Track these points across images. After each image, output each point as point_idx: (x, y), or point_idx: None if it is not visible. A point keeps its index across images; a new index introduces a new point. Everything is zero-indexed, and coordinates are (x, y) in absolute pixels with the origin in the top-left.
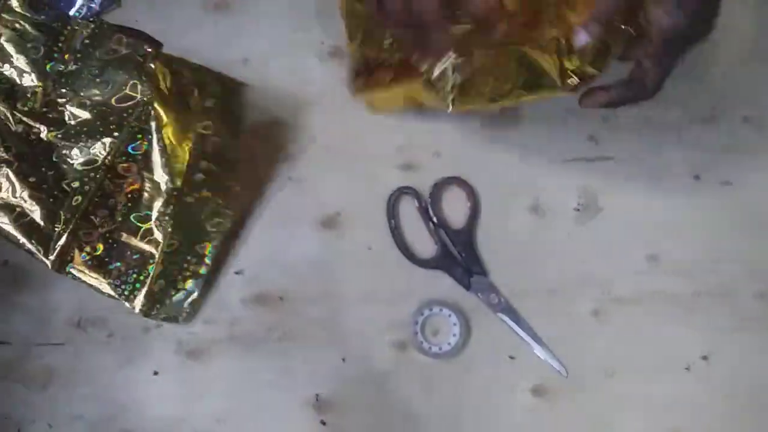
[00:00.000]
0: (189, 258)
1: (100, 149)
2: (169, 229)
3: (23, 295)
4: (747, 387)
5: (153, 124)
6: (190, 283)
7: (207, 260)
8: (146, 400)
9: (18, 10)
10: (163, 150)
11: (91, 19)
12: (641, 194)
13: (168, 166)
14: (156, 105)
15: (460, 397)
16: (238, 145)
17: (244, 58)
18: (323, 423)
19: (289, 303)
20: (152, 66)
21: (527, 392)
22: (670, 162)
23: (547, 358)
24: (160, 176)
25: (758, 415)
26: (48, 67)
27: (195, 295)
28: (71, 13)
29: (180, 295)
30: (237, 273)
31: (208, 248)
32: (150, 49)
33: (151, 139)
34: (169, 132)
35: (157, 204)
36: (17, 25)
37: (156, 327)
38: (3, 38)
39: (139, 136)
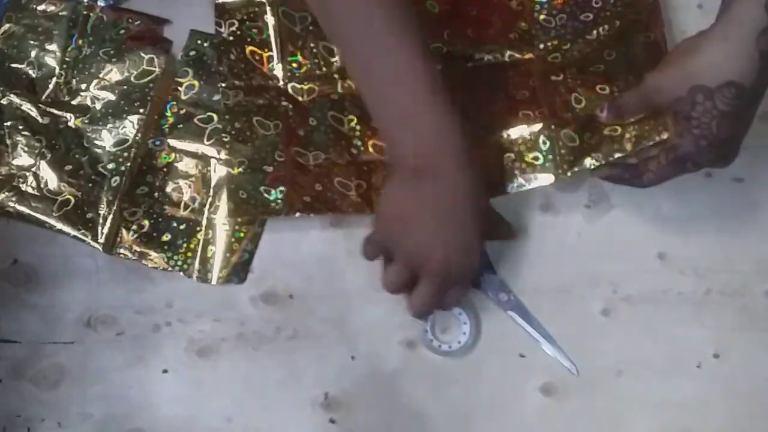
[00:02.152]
0: (239, 220)
1: (129, 128)
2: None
3: (33, 294)
4: (759, 385)
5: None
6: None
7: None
8: (156, 399)
9: (30, 5)
10: None
11: (99, 4)
12: (652, 192)
13: None
14: None
15: (470, 396)
16: None
17: None
18: (332, 421)
19: (299, 301)
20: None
21: (537, 391)
22: None
23: (557, 357)
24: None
25: None
26: (64, 55)
27: (247, 255)
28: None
29: (234, 257)
30: (248, 270)
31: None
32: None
33: None
34: None
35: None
36: (30, 20)
37: (166, 325)
38: (17, 34)
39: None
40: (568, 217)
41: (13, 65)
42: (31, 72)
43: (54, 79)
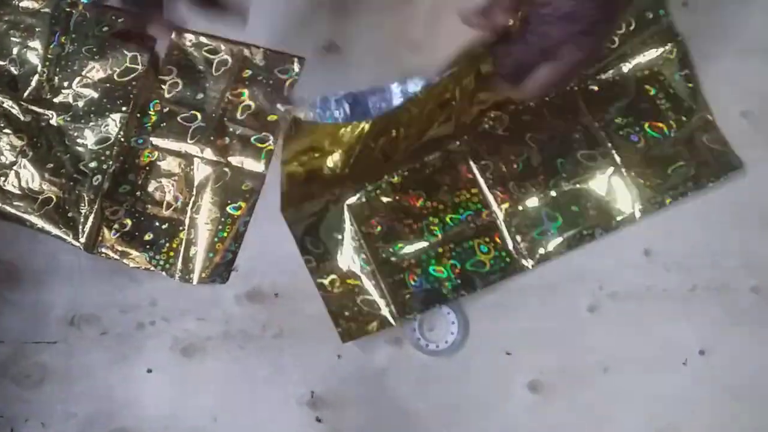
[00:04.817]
0: (223, 219)
1: (112, 126)
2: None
3: (16, 293)
4: (744, 380)
5: None
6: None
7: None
8: (141, 398)
9: (13, 2)
10: None
11: (81, 1)
12: None
13: None
14: None
15: (457, 393)
16: None
17: None
18: (319, 420)
19: (284, 299)
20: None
21: (524, 388)
22: None
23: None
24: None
25: (756, 408)
26: (47, 52)
27: (230, 255)
28: None
29: (217, 257)
30: (231, 270)
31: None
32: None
33: None
34: None
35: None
36: (12, 16)
37: (150, 324)
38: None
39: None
40: None
41: None
42: (12, 69)
43: (36, 77)
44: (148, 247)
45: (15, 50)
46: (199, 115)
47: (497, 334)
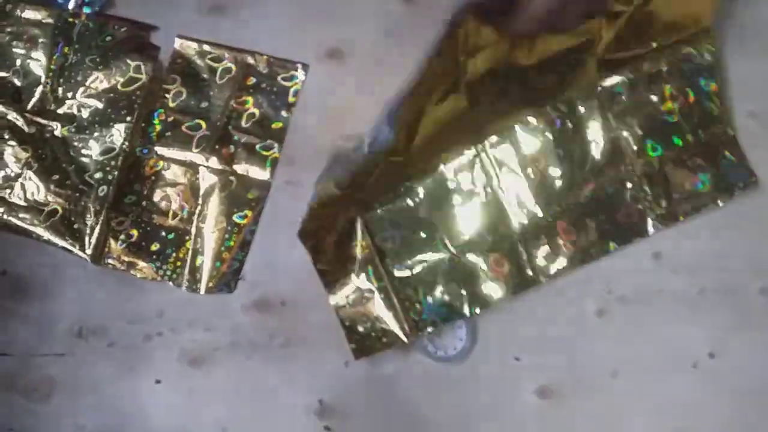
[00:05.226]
0: (229, 228)
1: (116, 136)
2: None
3: (23, 305)
4: (755, 383)
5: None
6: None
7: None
8: (149, 410)
9: (16, 13)
10: None
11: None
12: None
13: None
14: None
15: (466, 400)
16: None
17: None
18: (327, 429)
19: (291, 308)
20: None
21: (533, 393)
22: None
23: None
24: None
25: (766, 410)
26: (50, 63)
27: (237, 264)
28: (69, 7)
29: (223, 266)
30: (238, 279)
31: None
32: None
33: None
34: None
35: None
36: (15, 27)
37: (157, 335)
38: (2, 42)
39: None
40: None
41: None
42: (16, 80)
43: (40, 88)
44: (154, 257)
45: (18, 61)
46: (203, 124)
47: (505, 340)
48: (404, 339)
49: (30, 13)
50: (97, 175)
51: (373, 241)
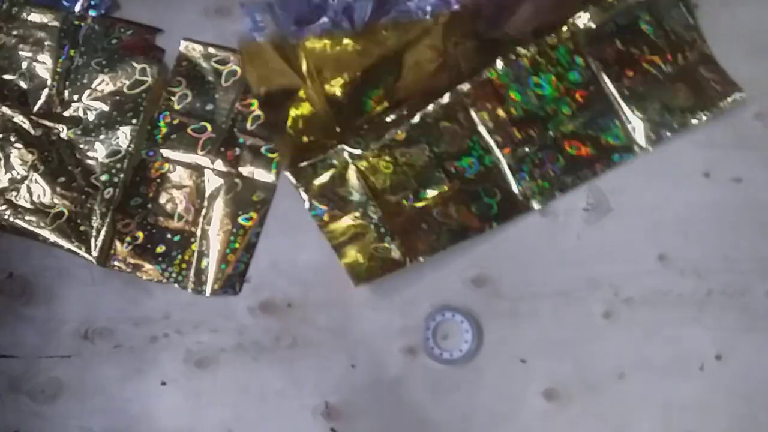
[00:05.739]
0: (234, 230)
1: (122, 138)
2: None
3: (29, 307)
4: (763, 385)
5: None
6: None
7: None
8: (155, 411)
9: (22, 16)
10: None
11: (90, 14)
12: (651, 193)
13: None
14: None
15: (472, 402)
16: None
17: None
18: (333, 430)
19: (297, 310)
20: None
21: (539, 396)
22: (680, 160)
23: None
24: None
25: None
26: (56, 66)
27: (242, 266)
28: (76, 9)
29: (229, 268)
30: (243, 281)
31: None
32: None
33: None
34: None
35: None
36: (22, 30)
37: (163, 337)
38: (8, 45)
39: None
40: (566, 220)
41: (5, 76)
42: (22, 83)
43: (46, 90)
44: (160, 259)
45: (24, 64)
46: (209, 126)
47: (511, 342)
48: (403, 261)
49: (36, 16)
50: (103, 178)
51: (366, 181)
